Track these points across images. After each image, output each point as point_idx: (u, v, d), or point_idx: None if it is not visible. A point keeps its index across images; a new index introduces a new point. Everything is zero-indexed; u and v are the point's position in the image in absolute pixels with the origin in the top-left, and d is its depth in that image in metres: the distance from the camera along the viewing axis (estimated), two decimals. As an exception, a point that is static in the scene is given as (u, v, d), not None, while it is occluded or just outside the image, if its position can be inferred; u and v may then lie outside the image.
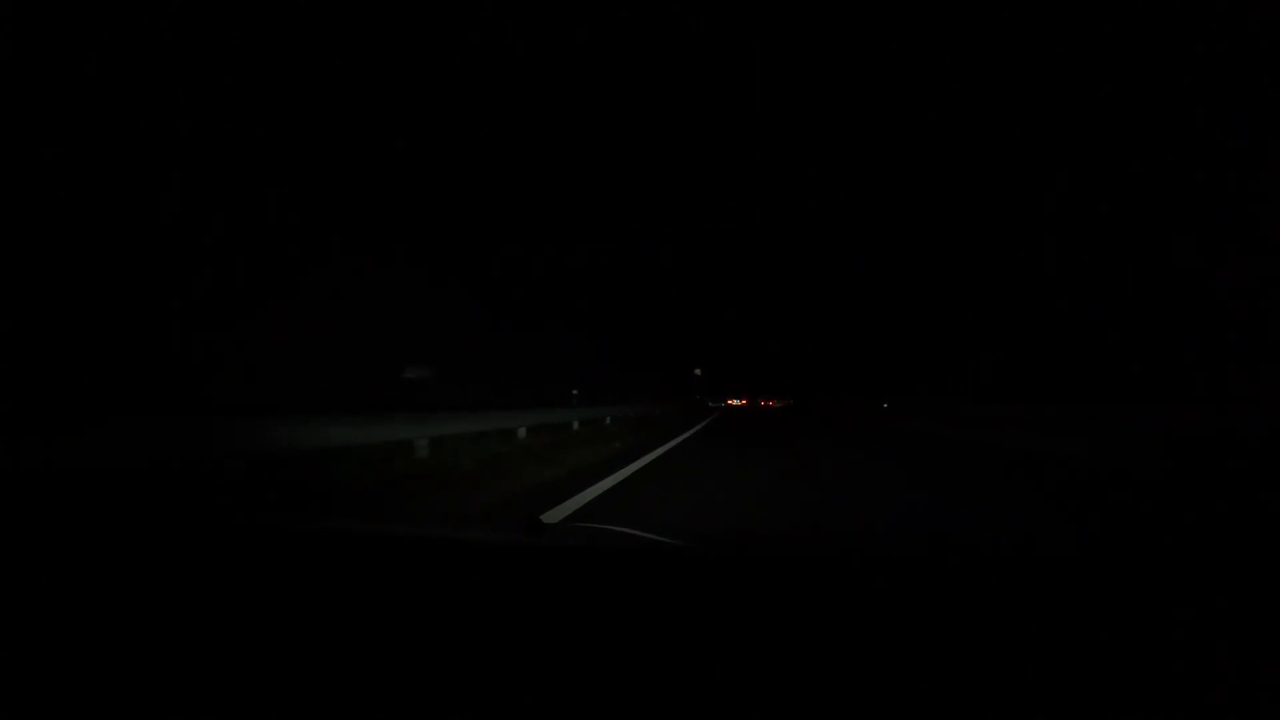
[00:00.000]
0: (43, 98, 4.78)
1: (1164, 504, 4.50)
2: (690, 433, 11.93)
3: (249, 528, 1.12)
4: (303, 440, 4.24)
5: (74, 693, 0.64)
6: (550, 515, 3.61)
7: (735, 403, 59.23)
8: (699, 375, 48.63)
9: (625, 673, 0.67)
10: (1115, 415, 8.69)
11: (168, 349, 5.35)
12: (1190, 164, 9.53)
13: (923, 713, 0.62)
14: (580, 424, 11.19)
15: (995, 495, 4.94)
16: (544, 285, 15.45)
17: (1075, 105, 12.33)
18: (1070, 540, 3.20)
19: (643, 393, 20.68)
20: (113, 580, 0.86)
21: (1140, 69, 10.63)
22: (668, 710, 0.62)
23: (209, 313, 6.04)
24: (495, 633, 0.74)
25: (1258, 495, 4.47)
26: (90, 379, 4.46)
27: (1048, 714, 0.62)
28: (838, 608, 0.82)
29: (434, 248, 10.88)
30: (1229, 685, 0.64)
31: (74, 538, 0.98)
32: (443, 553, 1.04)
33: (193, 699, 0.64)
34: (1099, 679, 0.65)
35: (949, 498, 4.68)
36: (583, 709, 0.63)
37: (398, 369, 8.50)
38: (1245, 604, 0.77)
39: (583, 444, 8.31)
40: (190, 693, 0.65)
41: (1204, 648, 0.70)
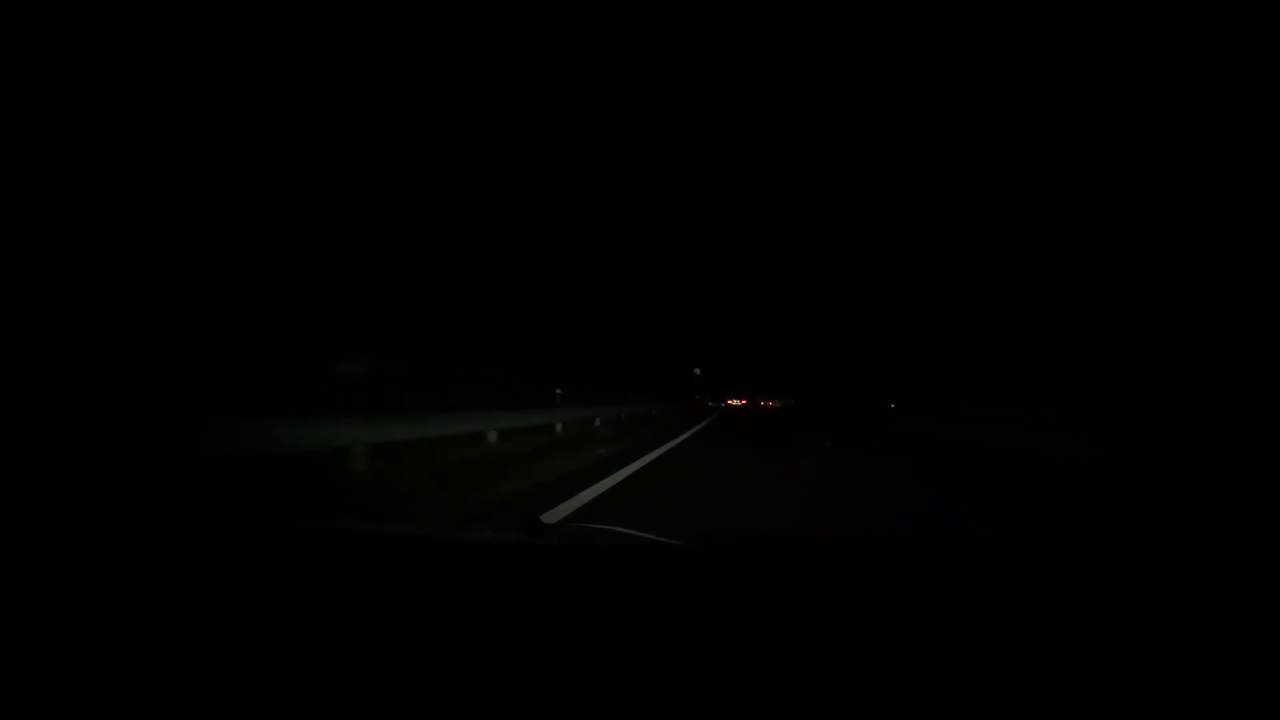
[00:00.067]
0: (42, 98, 4.78)
1: (1165, 504, 4.50)
2: (686, 435, 11.29)
3: (249, 528, 1.12)
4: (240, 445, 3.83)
5: (76, 693, 0.64)
6: (550, 515, 3.62)
7: (735, 403, 59.30)
8: (699, 375, 48.40)
9: (625, 672, 0.66)
10: (1115, 415, 8.73)
11: (162, 349, 5.34)
12: (1190, 164, 9.53)
13: (923, 713, 0.62)
14: (565, 426, 10.38)
15: (996, 495, 4.94)
16: (542, 285, 15.36)
17: (1075, 105, 12.34)
18: (1070, 540, 3.20)
19: (642, 392, 20.63)
20: (110, 580, 0.86)
21: (1140, 69, 10.64)
22: (668, 710, 0.62)
23: (205, 313, 6.00)
24: (495, 632, 0.74)
25: (1259, 495, 4.48)
26: (90, 379, 4.46)
27: (1048, 714, 0.61)
28: (838, 608, 0.81)
29: (432, 247, 10.75)
30: (1229, 685, 0.63)
31: (74, 538, 0.98)
32: (442, 553, 1.04)
33: (194, 699, 0.64)
34: (1099, 679, 0.65)
35: (949, 498, 4.69)
36: (583, 709, 0.62)
37: (375, 367, 8.02)
38: (1245, 604, 0.77)
39: (562, 450, 7.41)
40: (191, 693, 0.64)
41: (1204, 647, 0.70)
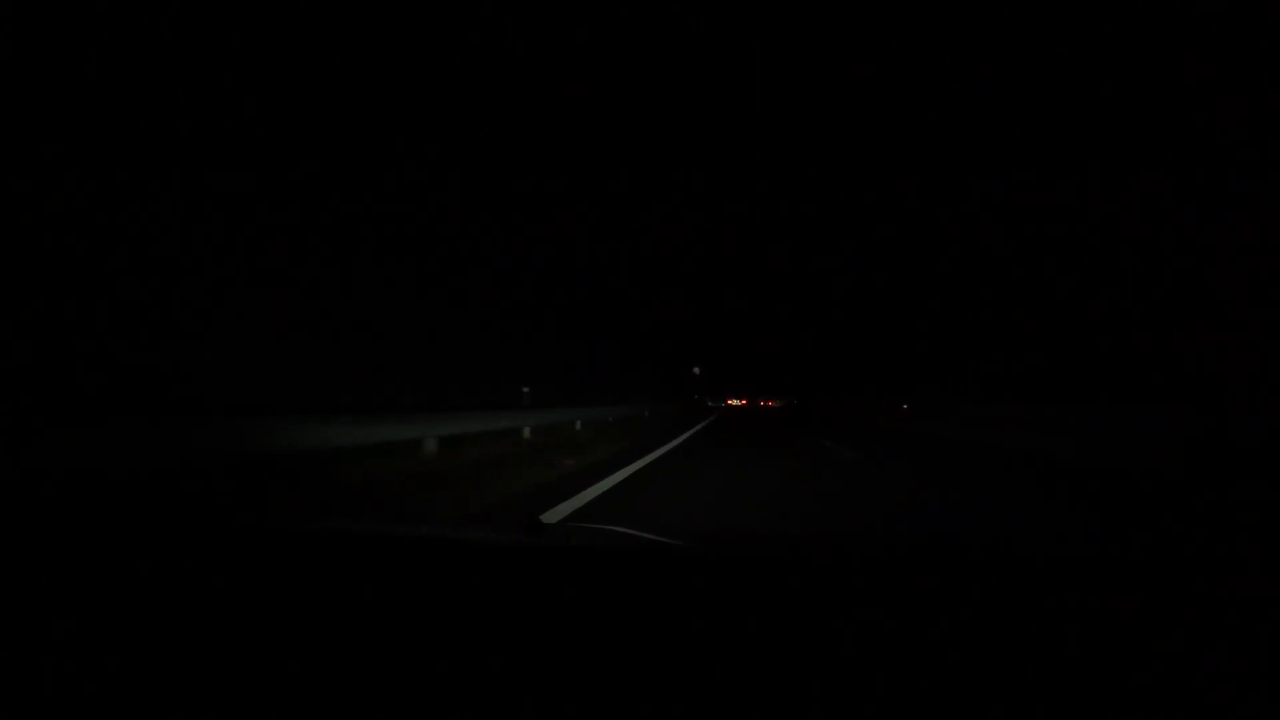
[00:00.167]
0: (43, 99, 4.77)
1: (1165, 502, 4.51)
2: (680, 440, 10.23)
3: (248, 528, 1.12)
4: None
5: (78, 693, 0.64)
6: (550, 515, 3.62)
7: (735, 403, 59.33)
8: (698, 374, 47.87)
9: (625, 672, 0.66)
10: (1114, 415, 8.96)
11: (153, 354, 5.29)
12: (1190, 164, 9.54)
13: (924, 712, 0.62)
14: (535, 431, 9.13)
15: (998, 494, 4.95)
16: (524, 276, 15.16)
17: (1074, 106, 12.35)
18: (1074, 541, 3.21)
19: (638, 392, 20.29)
20: (110, 580, 0.85)
21: (1139, 68, 10.64)
22: (668, 710, 0.62)
23: (191, 318, 5.89)
24: (495, 632, 0.74)
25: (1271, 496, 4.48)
26: (89, 381, 4.46)
27: (1049, 714, 0.61)
28: (838, 608, 0.81)
29: (428, 240, 10.47)
30: (1229, 684, 0.63)
31: (74, 539, 0.98)
32: (443, 552, 1.04)
33: (194, 700, 0.64)
34: (1099, 678, 0.65)
35: (951, 497, 4.70)
36: (583, 709, 0.62)
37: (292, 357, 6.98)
38: (1246, 602, 0.77)
39: (521, 464, 6.24)
40: (192, 693, 0.64)
41: (1204, 646, 0.70)
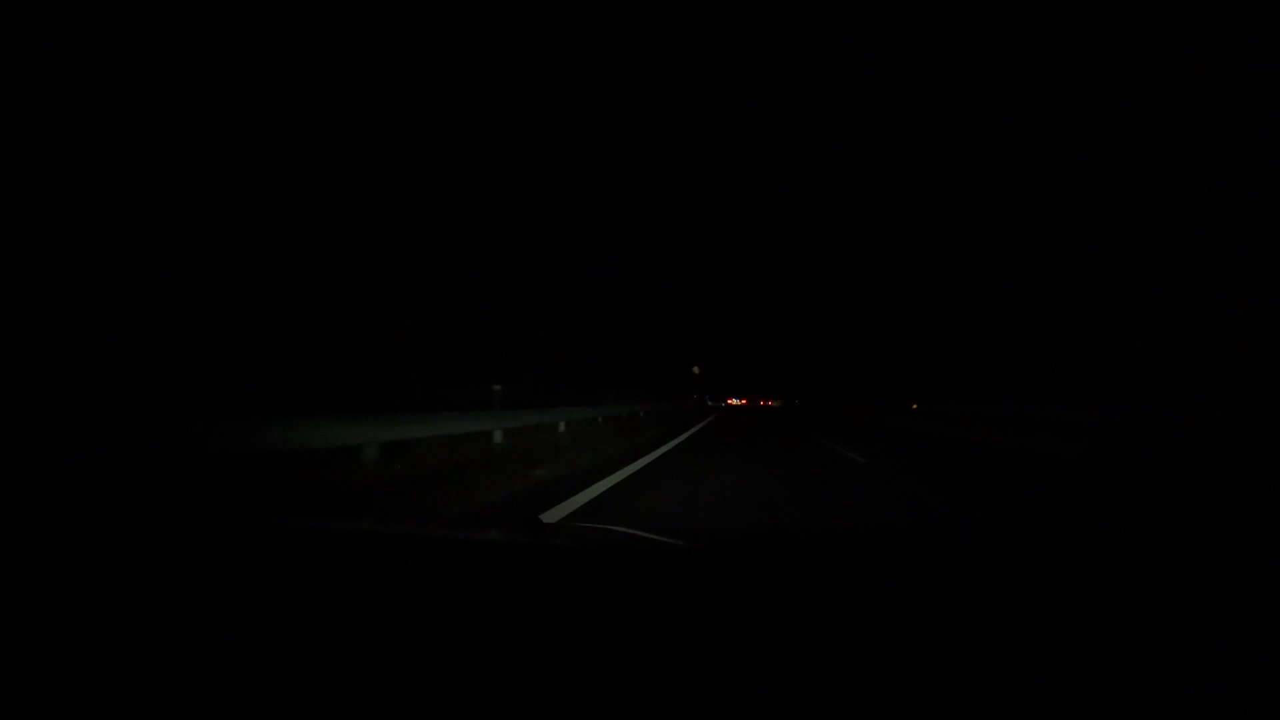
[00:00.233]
0: (45, 102, 4.76)
1: (1160, 497, 4.51)
2: (673, 444, 9.34)
3: (248, 528, 1.12)
4: None
5: (78, 694, 0.64)
6: (550, 515, 3.62)
7: (735, 402, 59.44)
8: (697, 372, 47.40)
9: (626, 672, 0.67)
10: (1114, 414, 8.99)
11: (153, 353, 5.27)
12: (1190, 164, 9.53)
13: (925, 711, 0.62)
14: (508, 435, 7.79)
15: (999, 493, 4.95)
16: (529, 277, 15.10)
17: (1073, 107, 12.34)
18: (1072, 540, 3.21)
19: (636, 391, 20.07)
20: (112, 581, 0.86)
21: (1139, 68, 10.63)
22: (670, 710, 0.62)
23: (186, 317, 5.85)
24: (495, 632, 0.74)
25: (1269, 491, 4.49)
26: (93, 381, 4.46)
27: (1049, 713, 0.62)
28: (839, 607, 0.82)
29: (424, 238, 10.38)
30: (1227, 683, 0.64)
31: (78, 538, 0.98)
32: (443, 552, 1.04)
33: (195, 699, 0.64)
34: (1099, 676, 0.65)
35: (950, 495, 4.70)
36: (584, 709, 0.63)
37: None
38: (1246, 600, 0.77)
39: (485, 472, 5.43)
40: (192, 693, 0.65)
41: (1202, 645, 0.70)
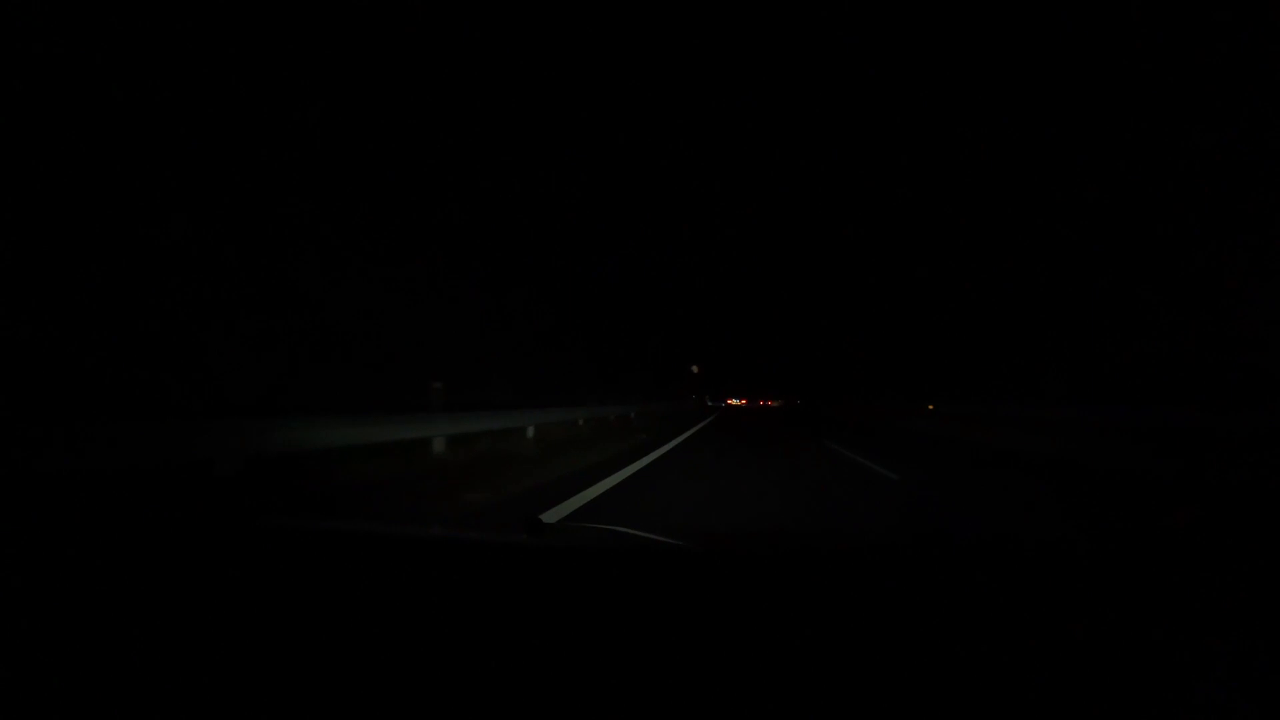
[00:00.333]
0: (44, 100, 4.75)
1: (1155, 496, 4.52)
2: (661, 451, 8.15)
3: (248, 528, 1.12)
4: None
5: (79, 694, 0.64)
6: (550, 515, 3.62)
7: (735, 402, 59.46)
8: (696, 372, 46.87)
9: (626, 672, 0.67)
10: (1111, 414, 9.03)
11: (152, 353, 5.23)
12: (1188, 164, 9.54)
13: (925, 710, 0.62)
14: (452, 443, 6.62)
15: (997, 491, 4.96)
16: (537, 280, 15.03)
17: (1071, 109, 12.34)
18: (1071, 539, 3.21)
19: (631, 391, 19.45)
20: (112, 581, 0.86)
21: (1138, 68, 10.62)
22: (668, 710, 0.62)
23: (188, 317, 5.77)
24: (495, 632, 0.74)
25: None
26: (92, 382, 4.46)
27: (1049, 712, 0.62)
28: (839, 606, 0.82)
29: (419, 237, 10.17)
30: (1226, 681, 0.64)
31: (77, 539, 0.98)
32: (443, 552, 1.04)
33: (195, 699, 0.64)
34: (1098, 675, 0.65)
35: (949, 494, 4.72)
36: (583, 709, 0.63)
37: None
38: (1246, 598, 0.77)
39: (411, 497, 4.30)
40: (192, 693, 0.65)
41: (1201, 643, 0.70)
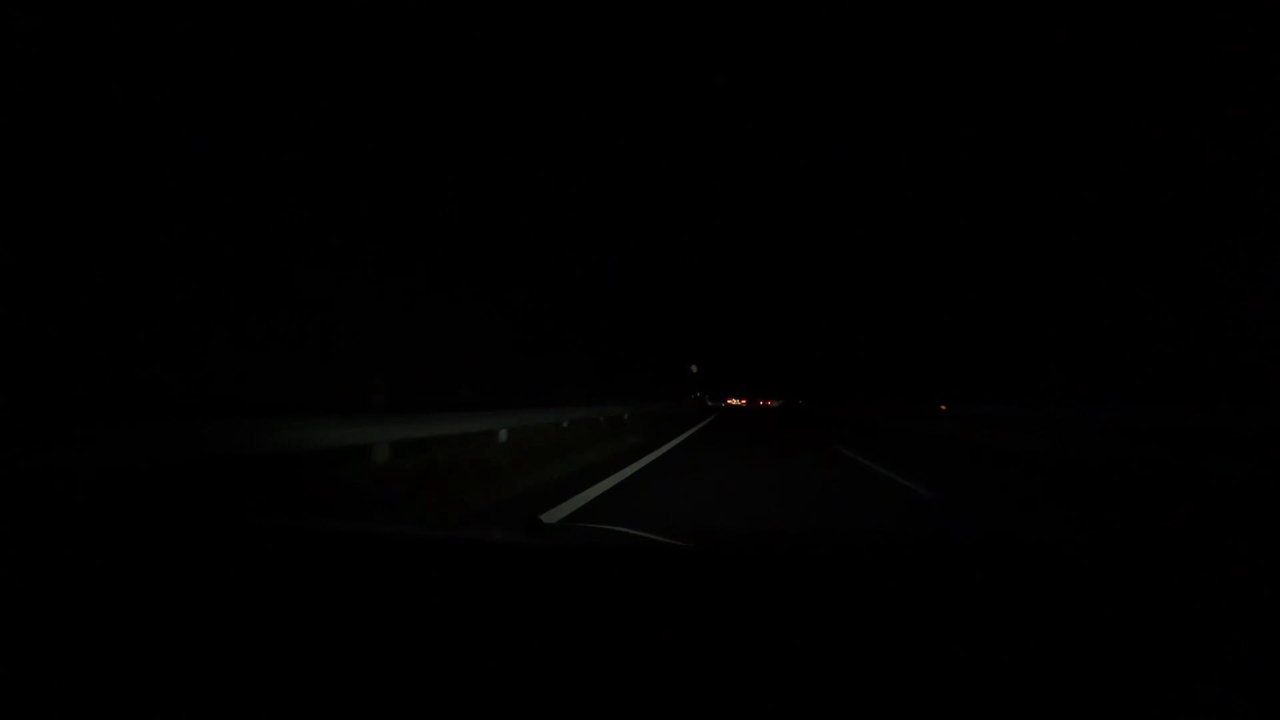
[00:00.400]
0: (45, 100, 4.74)
1: (1152, 494, 4.53)
2: (653, 457, 7.44)
3: (247, 528, 1.11)
4: None
5: (78, 694, 0.64)
6: (550, 515, 3.62)
7: (735, 402, 59.66)
8: (696, 371, 46.64)
9: (626, 672, 0.67)
10: (1111, 414, 9.14)
11: (152, 354, 5.22)
12: (1188, 164, 9.55)
13: (925, 711, 0.62)
14: (403, 450, 5.86)
15: (995, 490, 4.97)
16: (536, 279, 14.99)
17: (1072, 110, 12.35)
18: (1071, 538, 3.21)
19: (627, 391, 19.44)
20: (109, 581, 0.86)
21: (1138, 69, 10.63)
22: (669, 710, 0.62)
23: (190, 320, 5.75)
24: (495, 632, 0.74)
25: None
26: (90, 382, 4.45)
27: (1050, 712, 0.62)
28: (840, 606, 0.82)
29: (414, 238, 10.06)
30: (1226, 681, 0.64)
31: (75, 539, 0.98)
32: (443, 552, 1.04)
33: (194, 699, 0.64)
34: (1098, 675, 0.65)
35: (949, 494, 4.73)
36: (583, 709, 0.63)
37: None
38: (1245, 598, 0.77)
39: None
40: (191, 693, 0.65)
41: (1201, 643, 0.70)
